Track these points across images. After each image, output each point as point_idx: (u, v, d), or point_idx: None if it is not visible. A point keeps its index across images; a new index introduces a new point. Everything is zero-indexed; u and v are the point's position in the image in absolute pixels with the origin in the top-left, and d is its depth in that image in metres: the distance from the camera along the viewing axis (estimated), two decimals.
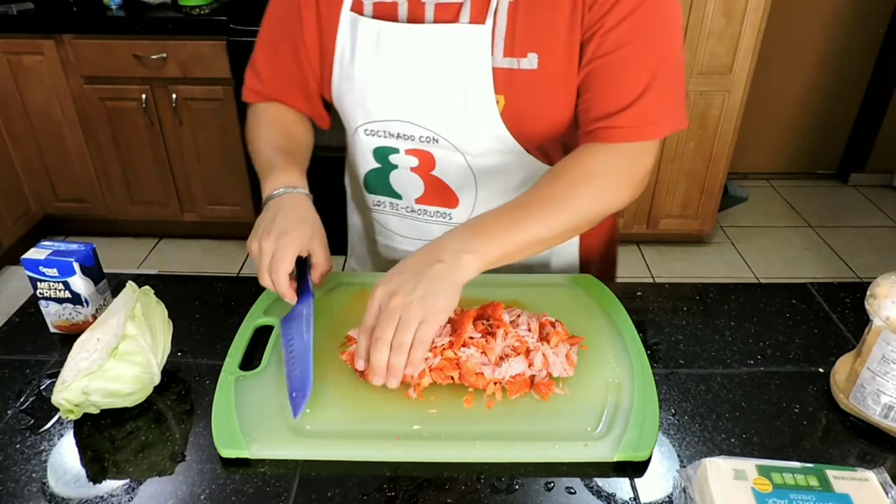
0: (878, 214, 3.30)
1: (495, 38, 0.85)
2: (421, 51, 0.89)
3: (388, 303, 0.71)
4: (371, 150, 0.99)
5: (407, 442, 0.72)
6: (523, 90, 0.87)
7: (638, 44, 0.83)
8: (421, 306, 0.70)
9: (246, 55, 1.07)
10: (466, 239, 0.76)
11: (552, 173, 0.85)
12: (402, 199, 1.03)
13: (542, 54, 0.85)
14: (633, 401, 0.77)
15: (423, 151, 0.95)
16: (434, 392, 0.77)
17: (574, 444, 0.72)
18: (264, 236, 0.82)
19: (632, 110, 0.84)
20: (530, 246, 0.80)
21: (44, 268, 0.86)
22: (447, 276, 0.73)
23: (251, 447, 0.71)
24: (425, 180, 0.99)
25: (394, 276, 0.74)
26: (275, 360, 0.82)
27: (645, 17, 0.82)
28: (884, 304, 0.73)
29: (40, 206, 2.90)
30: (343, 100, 0.97)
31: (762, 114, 3.30)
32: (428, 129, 0.92)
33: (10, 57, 2.55)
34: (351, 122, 0.98)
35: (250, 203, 2.84)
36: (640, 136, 0.85)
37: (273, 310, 0.91)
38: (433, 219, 1.03)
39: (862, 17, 3.19)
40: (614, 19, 0.81)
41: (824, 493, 0.64)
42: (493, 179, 0.96)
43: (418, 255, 0.76)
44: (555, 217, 0.81)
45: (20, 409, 0.79)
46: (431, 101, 0.90)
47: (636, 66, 0.84)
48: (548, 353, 0.78)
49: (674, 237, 2.98)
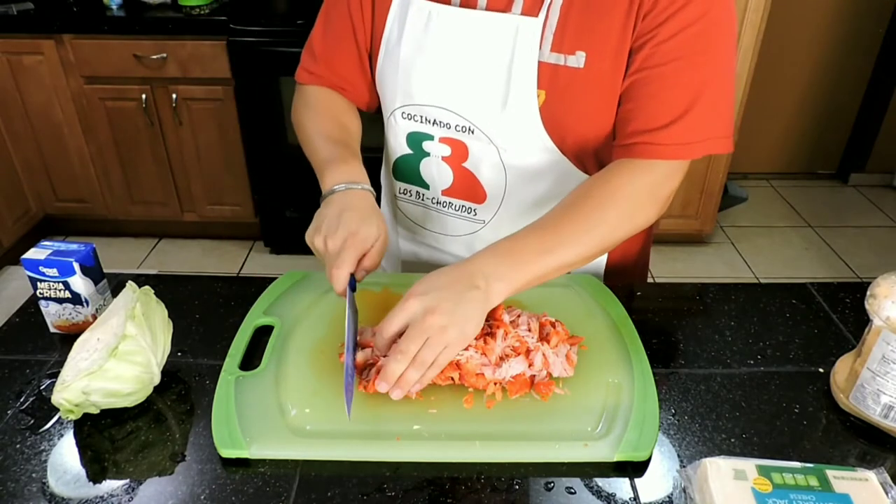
0: (878, 214, 3.30)
1: (545, 31, 0.84)
2: (469, 37, 0.88)
3: (423, 319, 0.70)
4: (405, 134, 0.99)
5: (407, 442, 0.72)
6: (566, 87, 0.86)
7: (690, 59, 0.81)
8: (453, 332, 0.70)
9: (246, 55, 1.07)
10: (498, 264, 0.75)
11: (582, 191, 0.84)
12: (429, 189, 1.03)
13: (590, 54, 0.84)
14: (633, 401, 0.77)
15: (457, 141, 0.95)
16: (434, 392, 0.77)
17: (574, 444, 0.72)
18: (330, 234, 0.80)
19: (675, 127, 0.82)
20: (557, 270, 0.79)
21: (44, 268, 0.86)
22: (481, 303, 0.73)
23: (251, 447, 0.71)
24: (455, 171, 0.98)
25: (430, 291, 0.72)
26: (275, 361, 0.82)
27: (701, 32, 0.80)
28: (884, 304, 0.73)
29: (40, 206, 2.90)
30: (385, 80, 0.96)
31: (762, 114, 3.29)
32: (465, 118, 0.92)
33: (10, 57, 2.55)
34: (389, 103, 0.98)
35: (250, 203, 2.84)
36: (678, 154, 0.83)
37: (273, 310, 0.91)
38: (457, 213, 1.02)
39: (862, 16, 3.19)
40: (670, 31, 0.79)
41: (824, 493, 0.64)
42: (524, 179, 0.95)
43: (454, 273, 0.74)
44: (583, 239, 0.79)
45: (20, 409, 0.79)
46: (472, 89, 0.90)
47: (685, 81, 0.81)
48: (548, 353, 0.78)
49: (674, 237, 2.98)
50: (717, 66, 0.82)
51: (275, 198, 2.78)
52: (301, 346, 0.84)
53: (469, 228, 1.03)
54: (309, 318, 0.89)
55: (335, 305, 0.92)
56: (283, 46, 2.39)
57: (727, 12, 0.81)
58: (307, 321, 0.89)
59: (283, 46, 2.39)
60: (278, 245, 2.95)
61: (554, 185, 0.96)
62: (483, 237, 1.03)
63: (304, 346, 0.84)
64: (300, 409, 0.75)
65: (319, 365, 0.81)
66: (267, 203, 2.80)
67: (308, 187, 0.95)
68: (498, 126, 0.91)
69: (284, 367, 0.81)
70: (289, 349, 0.84)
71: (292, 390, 0.78)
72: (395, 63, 0.94)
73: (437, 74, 0.92)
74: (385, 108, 1.00)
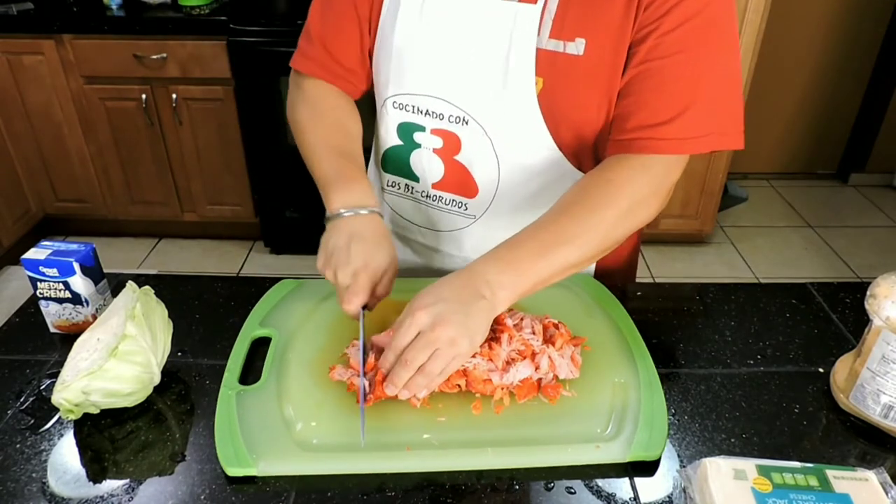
0: (878, 214, 3.30)
1: (544, 17, 0.83)
2: (465, 23, 0.87)
3: (431, 331, 0.69)
4: (396, 125, 0.97)
5: (418, 452, 0.71)
6: (564, 74, 0.85)
7: (691, 53, 0.80)
8: (463, 344, 0.70)
9: (246, 55, 1.07)
10: (501, 271, 0.74)
11: (581, 189, 0.82)
12: (418, 182, 1.01)
13: (589, 41, 0.83)
14: (641, 400, 0.77)
15: (449, 133, 0.93)
16: (441, 400, 0.76)
17: (586, 447, 0.71)
18: (340, 266, 0.79)
19: (678, 122, 0.81)
20: (562, 272, 0.78)
21: (44, 268, 0.86)
22: (487, 313, 0.72)
23: (259, 464, 0.69)
24: (447, 164, 0.96)
25: (437, 302, 0.71)
26: (275, 373, 0.80)
27: (704, 25, 0.79)
28: (884, 304, 0.73)
29: (40, 206, 2.89)
30: (378, 68, 0.95)
31: (762, 114, 3.29)
32: (459, 108, 0.91)
33: (10, 57, 2.55)
34: (382, 92, 0.96)
35: (250, 203, 2.83)
36: (679, 149, 0.82)
37: (269, 321, 0.89)
38: (447, 207, 1.01)
39: (862, 17, 3.19)
40: (672, 22, 0.79)
41: (824, 493, 0.64)
42: (517, 173, 0.94)
43: (458, 283, 0.74)
44: (585, 239, 0.78)
45: (20, 409, 0.79)
46: (468, 77, 0.89)
47: (688, 75, 0.80)
48: (553, 355, 0.78)
49: (674, 237, 2.97)
50: (718, 61, 0.82)
51: (275, 198, 2.78)
52: (301, 358, 0.83)
53: (459, 223, 1.01)
54: (307, 328, 0.88)
55: (332, 314, 0.90)
56: (283, 46, 2.39)
57: (727, 6, 0.81)
58: (305, 331, 0.87)
59: (283, 46, 2.39)
60: (278, 245, 2.95)
61: (547, 180, 0.94)
62: (473, 232, 1.01)
63: (304, 357, 0.83)
64: (306, 423, 0.74)
65: (322, 376, 0.80)
66: (267, 203, 2.80)
67: (308, 187, 0.93)
68: (494, 115, 0.89)
69: (286, 380, 0.79)
70: (289, 361, 0.82)
71: (296, 404, 0.76)
72: (388, 51, 0.92)
73: (431, 62, 0.90)
74: (377, 98, 0.98)
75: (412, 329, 0.70)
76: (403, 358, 0.70)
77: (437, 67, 0.90)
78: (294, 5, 2.56)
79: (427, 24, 0.89)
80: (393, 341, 0.72)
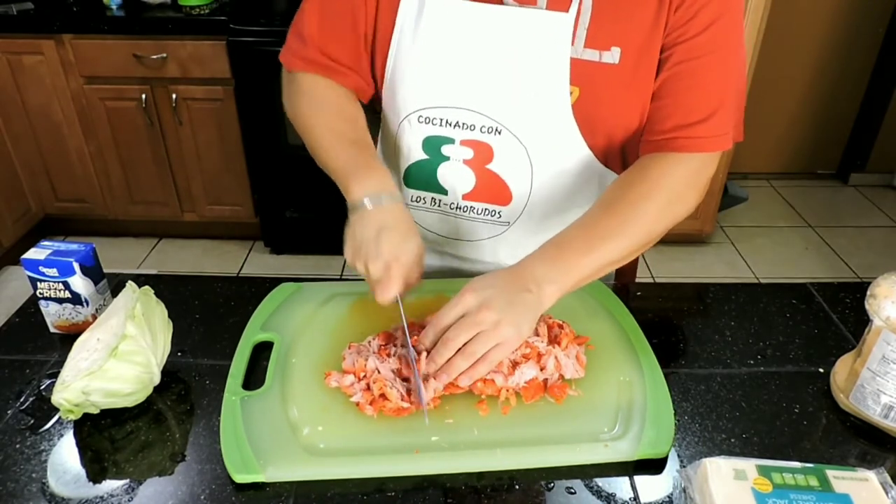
0: (878, 214, 3.30)
1: (577, 27, 0.84)
2: (492, 33, 0.86)
3: (477, 312, 0.71)
4: (421, 139, 0.94)
5: (426, 454, 0.71)
6: (600, 84, 0.85)
7: (721, 53, 0.83)
8: (507, 331, 0.71)
9: (246, 55, 1.06)
10: (549, 268, 0.76)
11: (621, 187, 0.84)
12: (446, 195, 0.99)
13: (624, 49, 0.84)
14: (647, 398, 0.77)
15: (481, 143, 0.92)
16: (448, 402, 0.76)
17: (595, 446, 0.71)
18: (371, 259, 0.79)
19: (713, 120, 0.83)
20: (606, 267, 0.80)
21: (44, 268, 0.86)
22: (534, 308, 0.74)
23: (266, 470, 0.69)
24: (478, 174, 0.95)
25: (486, 288, 0.73)
26: (279, 378, 0.80)
27: (726, 27, 0.82)
28: (884, 304, 0.73)
29: (40, 206, 2.89)
30: (396, 83, 0.92)
31: (762, 114, 3.29)
32: (492, 119, 0.90)
33: (10, 57, 2.55)
34: (401, 108, 0.93)
35: (250, 203, 2.83)
36: (715, 146, 0.85)
37: (270, 325, 0.89)
38: (479, 217, 0.99)
39: (862, 17, 3.19)
40: (699, 26, 0.81)
41: (824, 493, 0.64)
42: (550, 178, 0.93)
43: (506, 277, 0.76)
44: (628, 233, 0.80)
45: (20, 409, 0.79)
46: (500, 88, 0.88)
47: (718, 75, 0.83)
48: (559, 355, 0.78)
49: (674, 237, 2.97)
50: (739, 57, 0.85)
51: (275, 198, 2.77)
52: (304, 362, 0.82)
53: (491, 232, 1.00)
54: (309, 331, 0.88)
55: (333, 318, 0.90)
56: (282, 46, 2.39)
57: (741, 5, 0.84)
58: (307, 335, 0.87)
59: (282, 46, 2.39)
60: (278, 245, 2.95)
61: (579, 183, 0.94)
62: (507, 239, 1.00)
63: (307, 361, 0.82)
64: (312, 427, 0.74)
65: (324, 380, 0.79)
66: (267, 203, 2.80)
67: (308, 187, 0.94)
68: (527, 123, 0.89)
69: (290, 385, 0.79)
70: (292, 365, 0.82)
71: (301, 408, 0.76)
72: (410, 65, 0.90)
73: (460, 75, 0.89)
74: (395, 114, 0.95)
75: (458, 309, 0.72)
76: (446, 336, 0.71)
77: (466, 80, 0.89)
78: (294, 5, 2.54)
79: (454, 36, 0.87)
80: (436, 319, 0.73)
